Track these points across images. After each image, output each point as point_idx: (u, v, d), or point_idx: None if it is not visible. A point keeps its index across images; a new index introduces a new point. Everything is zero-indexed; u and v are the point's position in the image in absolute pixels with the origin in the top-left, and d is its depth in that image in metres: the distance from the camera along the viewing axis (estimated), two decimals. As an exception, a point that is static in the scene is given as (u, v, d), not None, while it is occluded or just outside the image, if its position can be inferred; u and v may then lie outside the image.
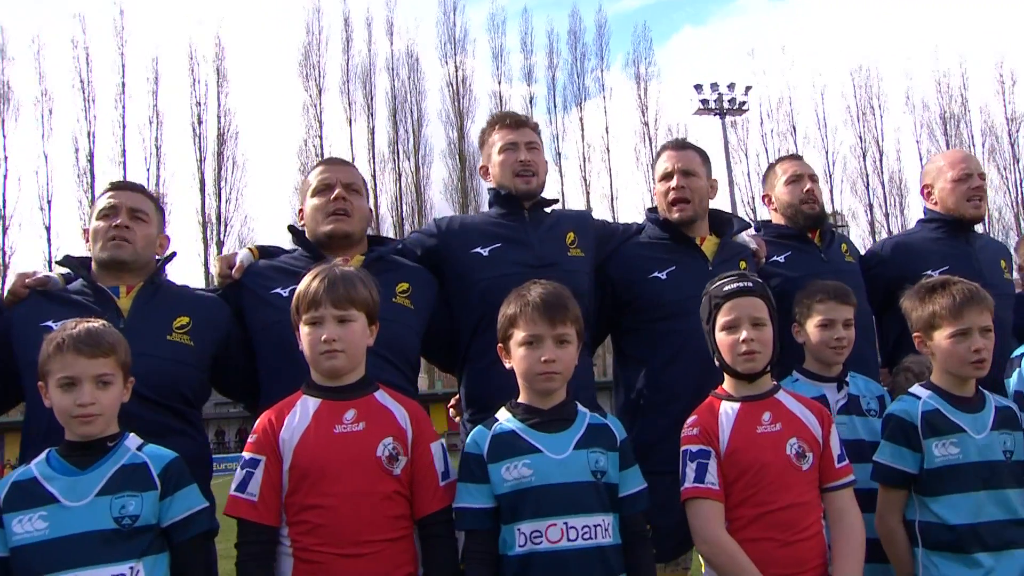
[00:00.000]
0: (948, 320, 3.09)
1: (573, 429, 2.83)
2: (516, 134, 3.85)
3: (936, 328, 3.12)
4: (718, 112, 39.95)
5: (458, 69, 46.93)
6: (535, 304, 2.84)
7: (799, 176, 4.38)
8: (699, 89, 39.95)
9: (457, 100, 46.43)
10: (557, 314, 2.83)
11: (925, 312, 3.16)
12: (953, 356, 3.08)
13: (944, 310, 3.10)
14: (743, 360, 2.95)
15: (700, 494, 2.88)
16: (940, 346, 3.11)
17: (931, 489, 3.02)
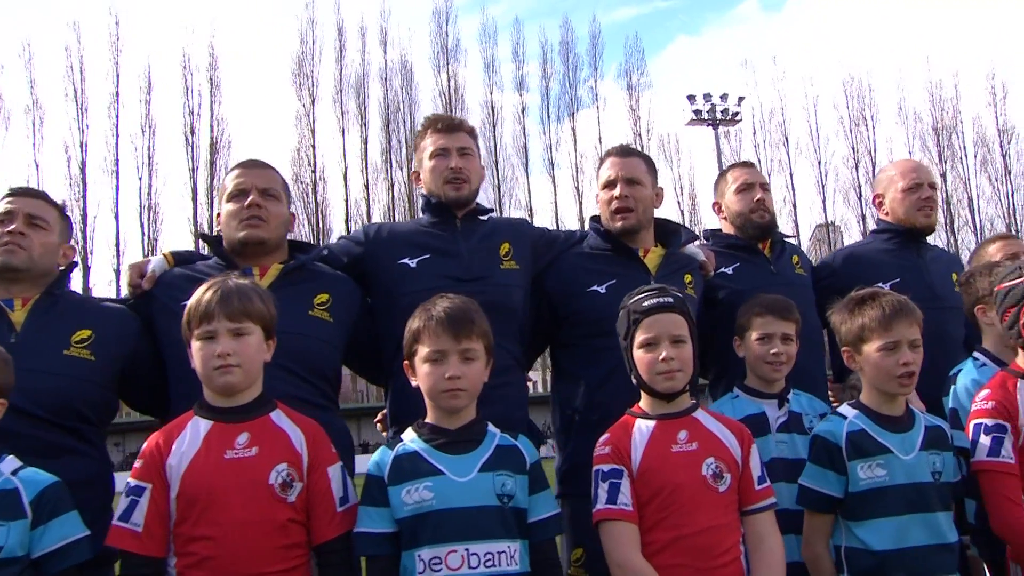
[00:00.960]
0: (877, 333, 2.96)
1: (480, 451, 2.71)
2: (448, 139, 3.70)
3: (865, 341, 2.99)
4: (711, 122, 39.95)
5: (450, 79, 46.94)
6: (439, 319, 2.72)
7: (750, 184, 4.27)
8: (692, 99, 39.97)
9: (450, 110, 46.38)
10: (462, 329, 2.72)
11: (854, 325, 3.03)
12: (881, 370, 2.95)
13: (873, 322, 2.97)
14: (662, 379, 2.83)
15: (612, 516, 2.75)
16: (869, 360, 2.98)
17: (856, 513, 2.88)
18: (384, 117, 46.17)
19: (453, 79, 46.93)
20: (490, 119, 46.60)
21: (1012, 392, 3.05)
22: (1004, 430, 2.98)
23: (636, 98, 46.72)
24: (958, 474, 3.05)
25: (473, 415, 2.79)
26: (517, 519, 2.67)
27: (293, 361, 3.15)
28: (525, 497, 2.70)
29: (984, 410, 3.05)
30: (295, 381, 3.15)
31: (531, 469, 2.75)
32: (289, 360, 3.13)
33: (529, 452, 2.78)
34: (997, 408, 3.02)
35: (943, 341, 4.05)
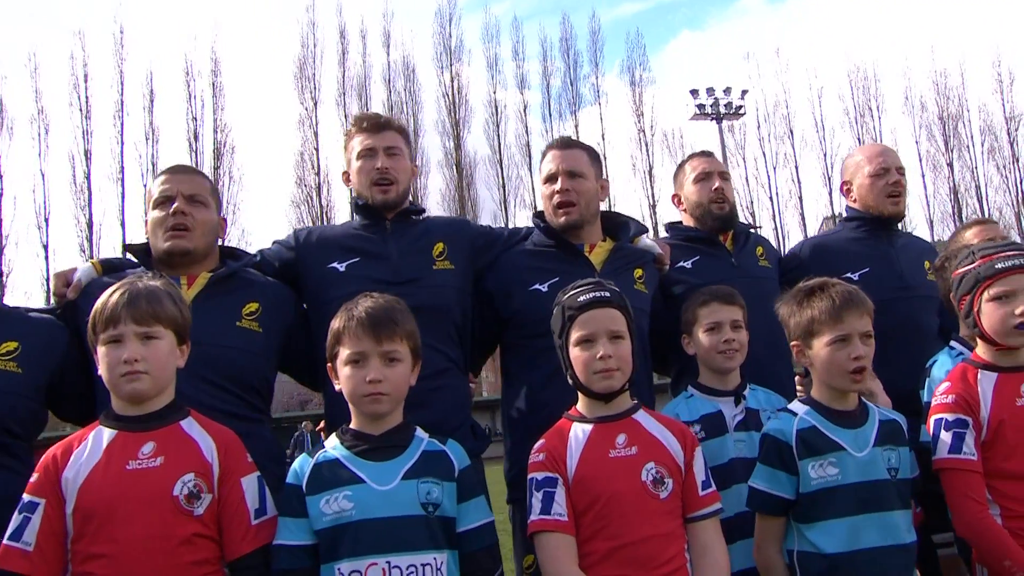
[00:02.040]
0: (828, 325, 2.81)
1: (404, 457, 2.58)
2: (375, 138, 3.57)
3: (815, 335, 2.85)
4: (714, 117, 39.68)
5: (454, 80, 46.81)
6: (360, 319, 2.60)
7: (708, 174, 4.14)
8: (695, 94, 39.71)
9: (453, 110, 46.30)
10: (384, 330, 2.60)
11: (803, 318, 2.88)
12: (832, 365, 2.80)
13: (823, 315, 2.82)
14: (599, 378, 2.70)
15: (547, 527, 2.61)
16: (819, 355, 2.84)
17: (807, 515, 2.73)
18: (387, 119, 46.06)
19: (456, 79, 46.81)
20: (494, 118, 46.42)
21: (973, 384, 2.91)
22: (965, 425, 2.84)
23: (639, 94, 46.45)
24: (916, 469, 2.91)
25: (399, 420, 2.67)
26: (445, 528, 2.54)
27: (219, 375, 3.07)
28: (453, 505, 2.57)
29: (944, 404, 2.90)
30: (221, 394, 3.06)
31: (460, 475, 2.62)
32: (215, 373, 3.06)
33: (458, 457, 2.65)
34: (957, 402, 2.88)
35: (916, 331, 3.92)
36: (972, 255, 2.96)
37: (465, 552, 2.56)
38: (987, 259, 2.90)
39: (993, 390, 2.88)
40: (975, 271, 2.92)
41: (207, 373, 3.01)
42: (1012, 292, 2.83)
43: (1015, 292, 2.83)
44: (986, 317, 2.88)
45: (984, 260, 2.91)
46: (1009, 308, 2.83)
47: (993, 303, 2.86)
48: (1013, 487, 2.79)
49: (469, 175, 44.58)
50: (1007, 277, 2.85)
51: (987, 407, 2.85)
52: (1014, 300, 2.83)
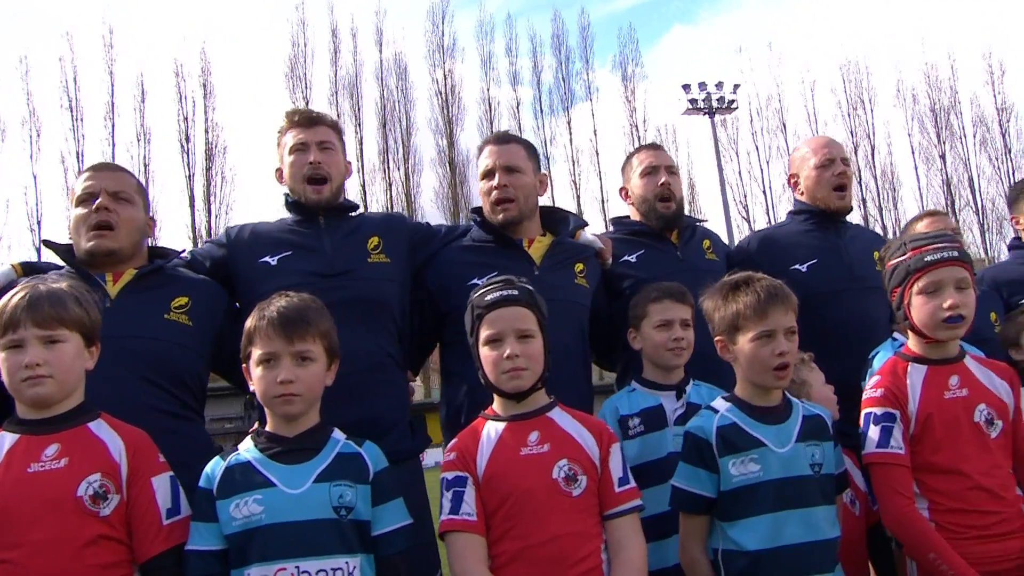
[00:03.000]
0: (752, 321, 2.77)
1: (317, 460, 2.53)
2: (308, 133, 3.53)
3: (740, 330, 2.80)
4: (707, 111, 39.58)
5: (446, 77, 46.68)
6: (271, 319, 2.56)
7: (655, 168, 4.10)
8: (687, 89, 39.59)
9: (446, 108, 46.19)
10: (296, 329, 2.55)
11: (728, 312, 2.83)
12: (756, 361, 2.76)
13: (748, 309, 2.78)
14: (507, 377, 2.66)
15: (455, 527, 2.58)
16: (743, 350, 2.79)
17: (728, 513, 2.69)
18: (380, 117, 45.94)
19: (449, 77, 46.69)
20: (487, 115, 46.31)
21: (902, 377, 2.88)
22: (893, 419, 2.81)
23: (632, 89, 46.34)
24: (843, 464, 2.88)
25: (315, 421, 2.63)
26: (358, 532, 2.49)
27: (148, 368, 3.02)
28: (368, 508, 2.52)
29: (873, 398, 2.87)
30: (150, 389, 3.01)
31: (376, 478, 2.57)
32: (143, 367, 3.01)
33: (374, 460, 2.60)
34: (886, 396, 2.85)
35: (865, 322, 3.90)
36: (904, 246, 2.92)
37: (380, 556, 2.52)
38: (917, 251, 2.86)
39: (922, 383, 2.85)
40: (906, 263, 2.88)
41: (135, 367, 2.97)
42: (941, 284, 2.80)
43: (944, 285, 2.79)
44: (916, 310, 2.85)
45: (915, 252, 2.86)
46: (938, 301, 2.79)
47: (922, 296, 2.82)
48: (940, 480, 2.76)
49: (462, 173, 44.43)
50: (936, 269, 2.81)
51: (916, 401, 2.83)
52: (943, 293, 2.79)
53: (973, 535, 2.68)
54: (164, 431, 2.91)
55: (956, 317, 2.76)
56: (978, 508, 2.70)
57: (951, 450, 2.77)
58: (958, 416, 2.80)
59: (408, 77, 46.25)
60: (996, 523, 2.70)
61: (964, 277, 2.81)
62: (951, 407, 2.81)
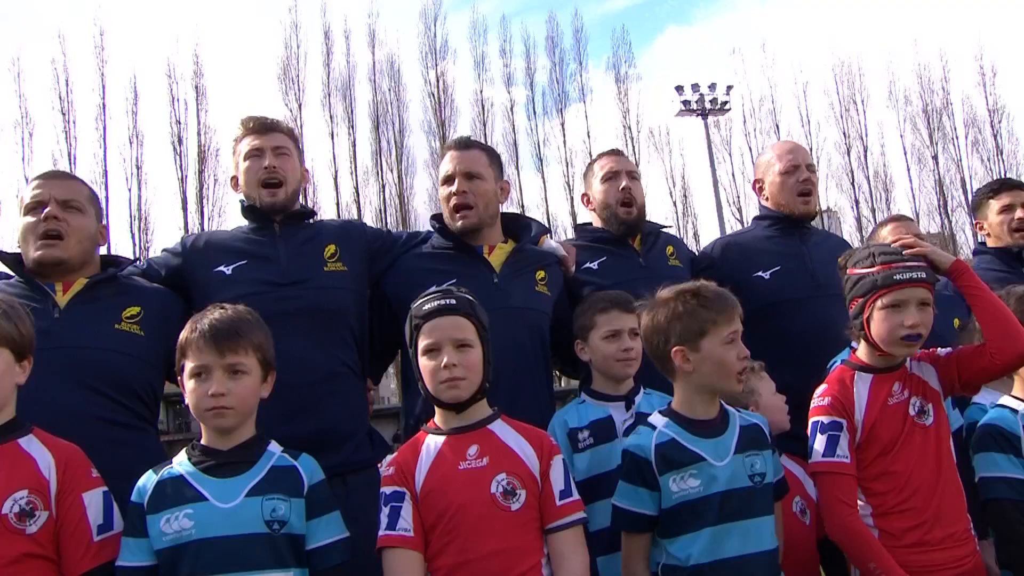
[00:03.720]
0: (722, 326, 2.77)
1: (250, 473, 2.50)
2: (263, 139, 3.50)
3: (705, 335, 2.74)
4: (700, 112, 39.54)
5: (439, 79, 46.59)
6: (203, 331, 2.53)
7: (616, 173, 4.08)
8: (680, 90, 39.55)
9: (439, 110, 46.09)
10: (228, 341, 2.52)
11: (695, 319, 2.79)
12: (726, 365, 2.74)
13: (715, 313, 2.79)
14: (445, 388, 2.62)
15: (391, 543, 2.54)
16: (709, 357, 2.74)
17: (670, 529, 2.66)
18: (373, 119, 45.79)
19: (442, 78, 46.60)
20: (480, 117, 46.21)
21: (849, 386, 2.87)
22: (839, 428, 2.80)
23: (625, 91, 46.23)
24: (781, 471, 2.87)
25: (250, 434, 2.59)
26: (292, 546, 2.46)
27: (96, 379, 2.98)
28: (302, 522, 2.49)
29: (820, 407, 2.86)
30: (99, 400, 2.97)
31: (310, 491, 2.53)
32: (91, 378, 2.97)
33: (309, 473, 2.57)
34: (832, 404, 2.84)
35: (825, 331, 3.82)
36: (872, 258, 2.89)
37: (315, 570, 2.49)
38: (887, 267, 2.83)
39: (868, 391, 2.85)
40: (872, 277, 2.85)
41: (83, 378, 2.94)
42: (905, 303, 2.78)
43: (907, 303, 2.78)
44: (876, 324, 2.82)
45: (884, 267, 2.84)
46: (899, 319, 2.77)
47: (885, 311, 2.80)
48: (884, 484, 2.76)
49: (456, 174, 44.38)
50: (902, 288, 2.79)
51: (862, 409, 2.82)
52: (905, 311, 2.77)
53: (915, 540, 2.68)
54: (113, 442, 2.89)
55: (915, 336, 2.76)
56: (917, 506, 2.71)
57: (896, 456, 2.77)
58: (901, 421, 2.80)
59: (401, 79, 46.13)
60: (936, 519, 2.70)
61: (926, 296, 2.80)
62: (895, 413, 2.81)
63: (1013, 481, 2.85)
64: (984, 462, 2.92)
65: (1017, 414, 2.97)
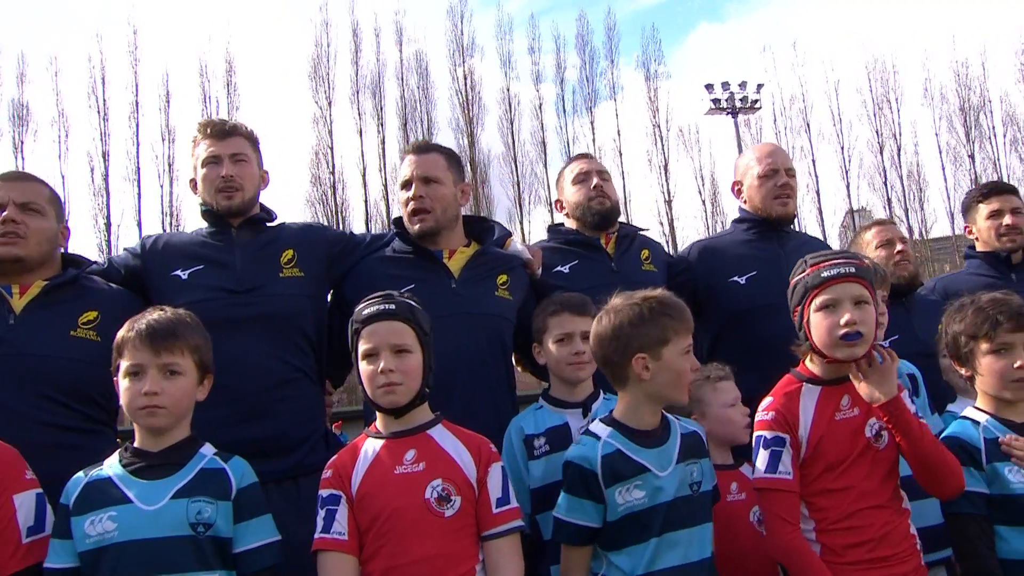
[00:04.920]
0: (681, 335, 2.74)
1: (179, 475, 2.50)
2: (220, 145, 3.49)
3: (667, 344, 2.70)
4: (730, 111, 39.20)
5: (467, 77, 46.63)
6: (139, 331, 2.54)
7: (587, 173, 4.05)
8: (710, 88, 39.26)
9: (467, 107, 46.14)
10: (163, 342, 2.53)
11: (660, 327, 2.73)
12: (683, 376, 2.71)
13: (678, 323, 2.76)
14: (382, 393, 2.60)
15: (325, 545, 2.53)
16: (668, 366, 2.69)
17: (614, 542, 2.61)
18: (401, 116, 45.93)
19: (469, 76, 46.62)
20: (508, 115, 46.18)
21: (795, 400, 2.77)
22: (782, 443, 2.71)
23: (654, 89, 45.95)
24: (714, 478, 2.83)
25: (183, 435, 2.59)
26: (219, 550, 2.46)
27: (50, 386, 2.99)
28: (229, 525, 2.48)
29: (763, 422, 2.78)
30: (50, 407, 2.98)
31: (239, 494, 2.53)
32: (45, 385, 2.99)
33: (239, 476, 2.56)
34: (776, 419, 2.75)
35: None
36: (804, 264, 2.83)
37: (243, 574, 2.48)
38: (816, 267, 2.76)
39: (815, 405, 2.75)
40: (804, 280, 2.78)
41: (37, 385, 2.95)
42: (838, 301, 2.69)
43: (841, 301, 2.69)
44: (814, 328, 2.74)
45: (813, 269, 2.77)
46: (835, 318, 2.68)
47: (820, 313, 2.72)
48: (828, 500, 2.68)
49: (483, 172, 44.34)
50: (833, 285, 2.70)
51: (807, 424, 2.73)
52: (840, 309, 2.68)
53: (858, 557, 2.60)
54: (66, 447, 2.90)
55: (853, 334, 2.65)
56: (863, 524, 2.62)
57: (841, 472, 2.68)
58: (848, 437, 2.70)
59: (429, 76, 46.24)
60: (881, 538, 2.62)
61: (862, 293, 2.70)
62: (841, 428, 2.71)
63: (973, 495, 2.77)
64: None
65: (979, 426, 2.89)
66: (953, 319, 3.00)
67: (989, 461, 2.79)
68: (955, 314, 3.01)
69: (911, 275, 4.14)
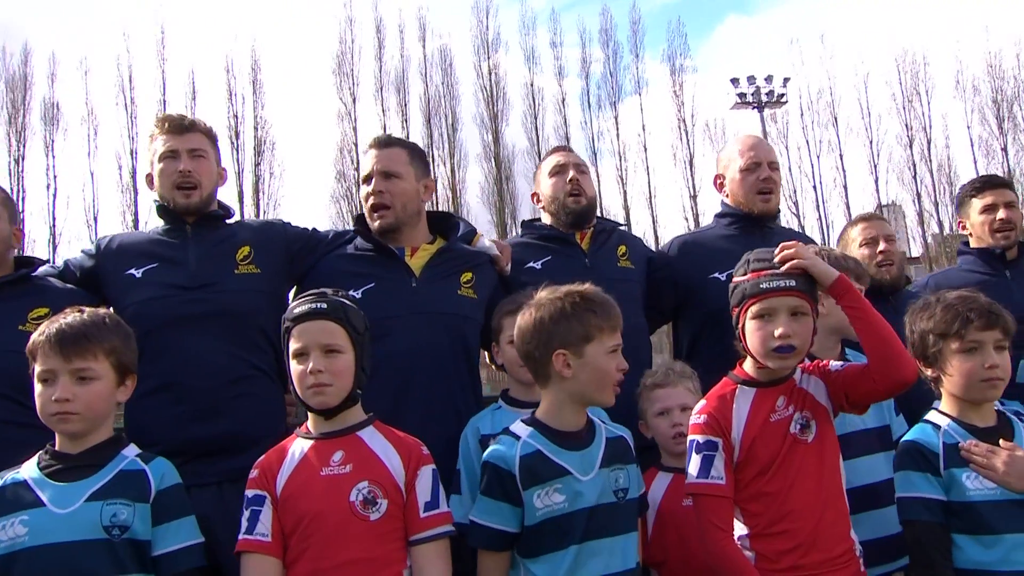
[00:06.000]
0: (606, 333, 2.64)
1: (95, 478, 2.44)
2: (178, 140, 3.41)
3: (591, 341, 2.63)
4: (756, 105, 38.79)
5: (491, 72, 46.55)
6: (49, 336, 2.48)
7: (563, 166, 3.94)
8: (735, 83, 38.89)
9: (491, 103, 46.06)
10: (74, 347, 2.46)
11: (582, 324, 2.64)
12: (606, 376, 2.61)
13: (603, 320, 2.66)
14: (311, 393, 2.53)
15: (248, 547, 2.47)
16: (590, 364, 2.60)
17: (532, 548, 2.51)
18: (425, 112, 46.01)
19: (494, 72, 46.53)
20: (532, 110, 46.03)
21: (728, 402, 2.67)
22: (715, 447, 2.62)
23: (680, 83, 45.57)
24: (642, 486, 2.74)
25: (105, 436, 2.53)
26: (136, 553, 2.40)
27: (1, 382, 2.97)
28: (147, 528, 2.42)
29: (696, 425, 2.68)
30: (4, 404, 2.96)
31: (158, 496, 2.46)
32: None
33: (159, 478, 2.49)
34: (708, 423, 2.65)
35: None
36: (747, 265, 2.72)
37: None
38: (756, 275, 2.66)
39: (749, 407, 2.66)
40: (743, 286, 2.67)
41: None
42: (774, 312, 2.60)
43: (776, 312, 2.59)
44: (749, 335, 2.65)
45: (753, 276, 2.67)
46: (770, 328, 2.59)
47: (756, 321, 2.63)
48: (760, 505, 2.58)
49: (508, 168, 44.24)
50: (770, 297, 2.61)
51: (740, 427, 2.63)
52: (775, 320, 2.59)
53: (791, 563, 2.50)
54: (16, 443, 2.84)
55: (786, 347, 2.56)
56: (792, 527, 2.53)
57: (773, 476, 2.58)
58: (782, 438, 2.60)
59: (453, 72, 46.23)
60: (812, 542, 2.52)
61: (800, 305, 2.60)
62: (776, 430, 2.62)
63: (930, 502, 2.66)
64: (902, 481, 2.74)
65: (940, 430, 2.76)
66: (920, 317, 2.87)
67: (947, 467, 2.69)
68: (921, 312, 2.87)
69: (893, 277, 4.01)
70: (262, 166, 43.59)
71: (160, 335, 3.13)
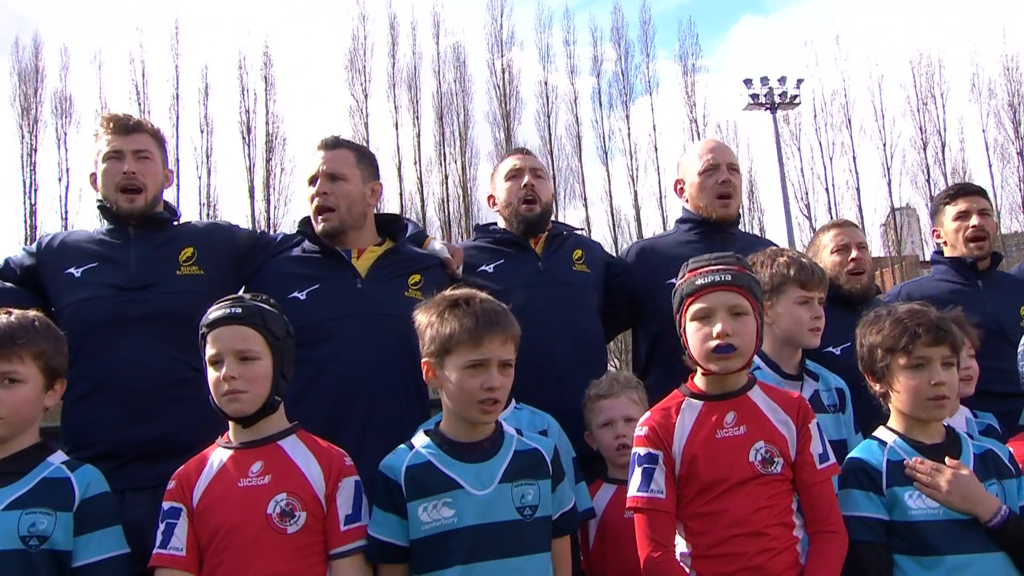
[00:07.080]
0: (465, 346, 2.45)
1: (16, 486, 2.40)
2: (123, 141, 3.35)
3: (450, 354, 2.48)
4: (768, 106, 38.50)
5: (504, 70, 46.43)
6: None
7: (519, 170, 3.88)
8: (748, 84, 38.58)
9: (504, 101, 45.95)
10: (1, 349, 2.42)
11: (442, 332, 2.50)
12: (463, 393, 2.45)
13: (463, 333, 2.45)
14: (226, 401, 2.48)
15: (162, 562, 2.41)
16: (450, 378, 2.48)
17: (421, 564, 2.42)
18: (437, 110, 45.93)
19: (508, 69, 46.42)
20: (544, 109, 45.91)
21: (672, 415, 2.59)
22: (655, 460, 2.53)
23: (691, 84, 45.34)
24: (567, 504, 2.63)
25: (29, 443, 2.49)
26: (55, 564, 2.35)
27: None
28: (68, 538, 2.37)
29: (638, 438, 2.61)
30: None
31: (82, 505, 2.41)
32: None
33: (84, 486, 2.44)
34: (649, 436, 2.57)
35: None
36: (685, 267, 2.65)
37: None
38: (692, 274, 2.59)
39: (694, 421, 2.57)
40: (680, 288, 2.60)
41: None
42: (711, 311, 2.51)
43: (715, 311, 2.51)
44: (690, 338, 2.57)
45: (690, 275, 2.60)
46: (708, 328, 2.51)
47: (695, 323, 2.54)
48: (703, 524, 2.49)
49: (519, 166, 44.17)
50: (707, 294, 2.52)
51: (682, 441, 2.54)
52: (713, 320, 2.50)
53: None
54: None
55: (725, 347, 2.46)
56: (739, 551, 2.42)
57: (718, 495, 2.48)
58: (729, 457, 2.50)
59: (466, 70, 46.15)
60: (755, 568, 2.41)
61: (739, 303, 2.51)
62: (722, 447, 2.51)
63: (871, 521, 2.59)
64: (845, 500, 2.64)
65: (885, 447, 2.69)
66: (869, 331, 2.79)
67: (889, 485, 2.60)
68: (872, 325, 2.79)
69: (864, 285, 3.89)
70: (273, 162, 43.62)
71: (98, 336, 3.10)
